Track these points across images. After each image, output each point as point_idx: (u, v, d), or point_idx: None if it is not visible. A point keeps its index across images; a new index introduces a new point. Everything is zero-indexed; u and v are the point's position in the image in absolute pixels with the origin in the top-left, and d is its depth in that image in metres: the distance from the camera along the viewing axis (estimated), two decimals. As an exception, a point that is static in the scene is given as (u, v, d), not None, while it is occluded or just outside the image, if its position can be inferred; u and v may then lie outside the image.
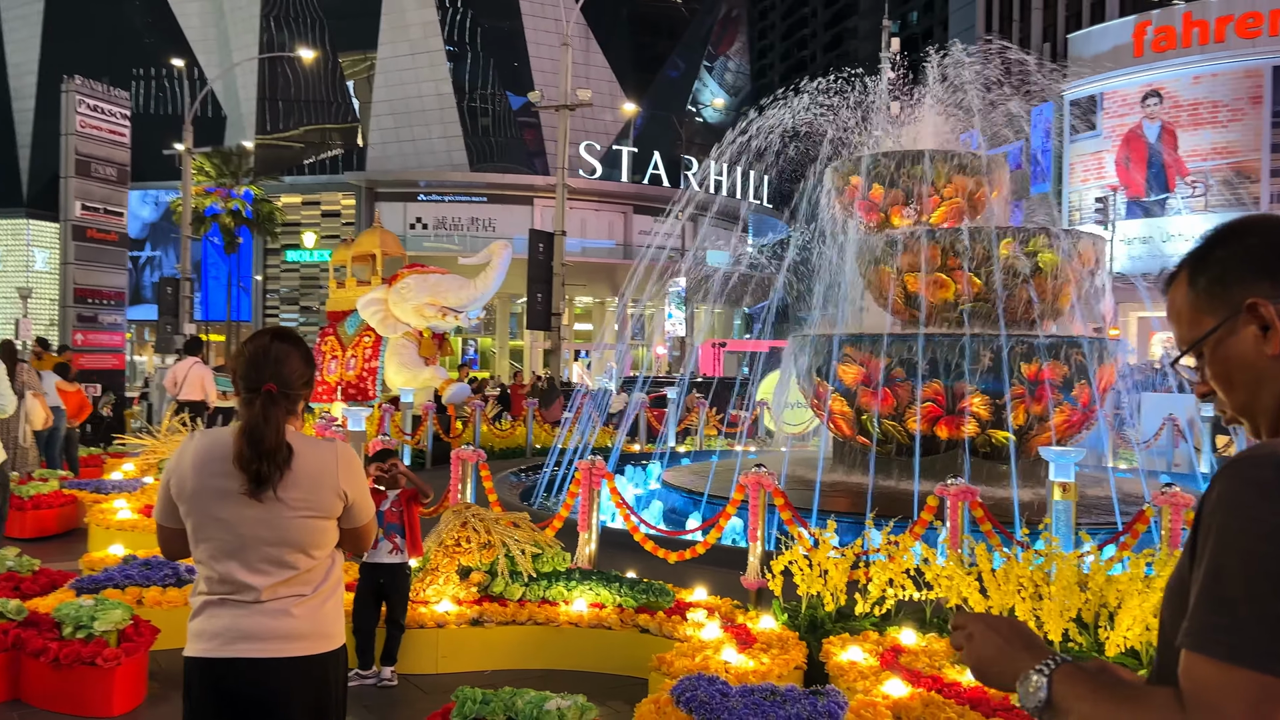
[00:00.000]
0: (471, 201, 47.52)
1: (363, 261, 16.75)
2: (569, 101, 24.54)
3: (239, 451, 2.53)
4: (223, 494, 2.55)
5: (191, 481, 2.58)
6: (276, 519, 2.56)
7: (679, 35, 59.12)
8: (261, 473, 2.52)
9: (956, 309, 11.35)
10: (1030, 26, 56.86)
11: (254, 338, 2.74)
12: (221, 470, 2.56)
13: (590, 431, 13.55)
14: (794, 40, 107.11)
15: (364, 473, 2.77)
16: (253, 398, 2.59)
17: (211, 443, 2.62)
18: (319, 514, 2.61)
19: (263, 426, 2.54)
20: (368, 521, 2.75)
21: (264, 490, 2.53)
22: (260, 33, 51.40)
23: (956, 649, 1.45)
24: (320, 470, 2.62)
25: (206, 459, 2.59)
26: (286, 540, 2.57)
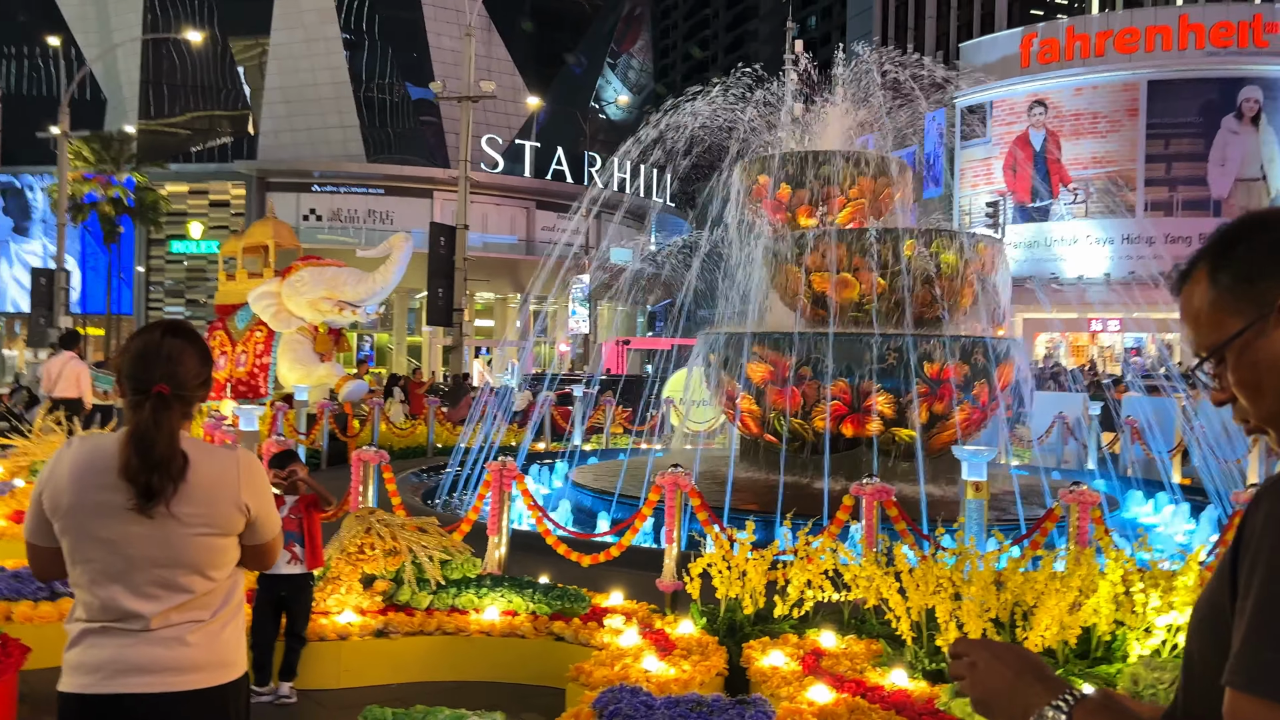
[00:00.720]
0: (368, 193, 46.33)
1: (254, 253, 16.07)
2: (472, 93, 24.08)
3: (126, 461, 2.23)
4: (105, 509, 2.24)
5: (68, 495, 2.26)
6: (169, 537, 2.25)
7: (582, 31, 58.90)
8: (151, 485, 2.22)
9: (861, 308, 11.50)
10: (924, 35, 58.58)
11: (143, 332, 2.41)
12: (104, 483, 2.24)
13: (495, 431, 13.27)
14: (696, 40, 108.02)
15: (268, 484, 2.48)
16: (141, 400, 2.28)
17: (91, 451, 2.30)
18: (217, 531, 2.32)
19: (153, 433, 2.24)
20: (273, 538, 2.47)
21: (154, 505, 2.23)
22: (144, 12, 49.03)
23: (955, 679, 1.32)
24: (219, 481, 2.32)
25: (86, 469, 2.27)
26: (180, 561, 2.27)
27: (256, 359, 14.63)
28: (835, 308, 11.40)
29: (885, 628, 4.92)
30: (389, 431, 15.65)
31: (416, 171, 47.12)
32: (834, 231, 11.32)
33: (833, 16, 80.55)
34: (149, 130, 47.28)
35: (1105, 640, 4.60)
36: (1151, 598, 4.38)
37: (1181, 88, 42.63)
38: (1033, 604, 4.48)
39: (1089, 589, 4.43)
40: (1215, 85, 42.24)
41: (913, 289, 10.95)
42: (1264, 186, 42.11)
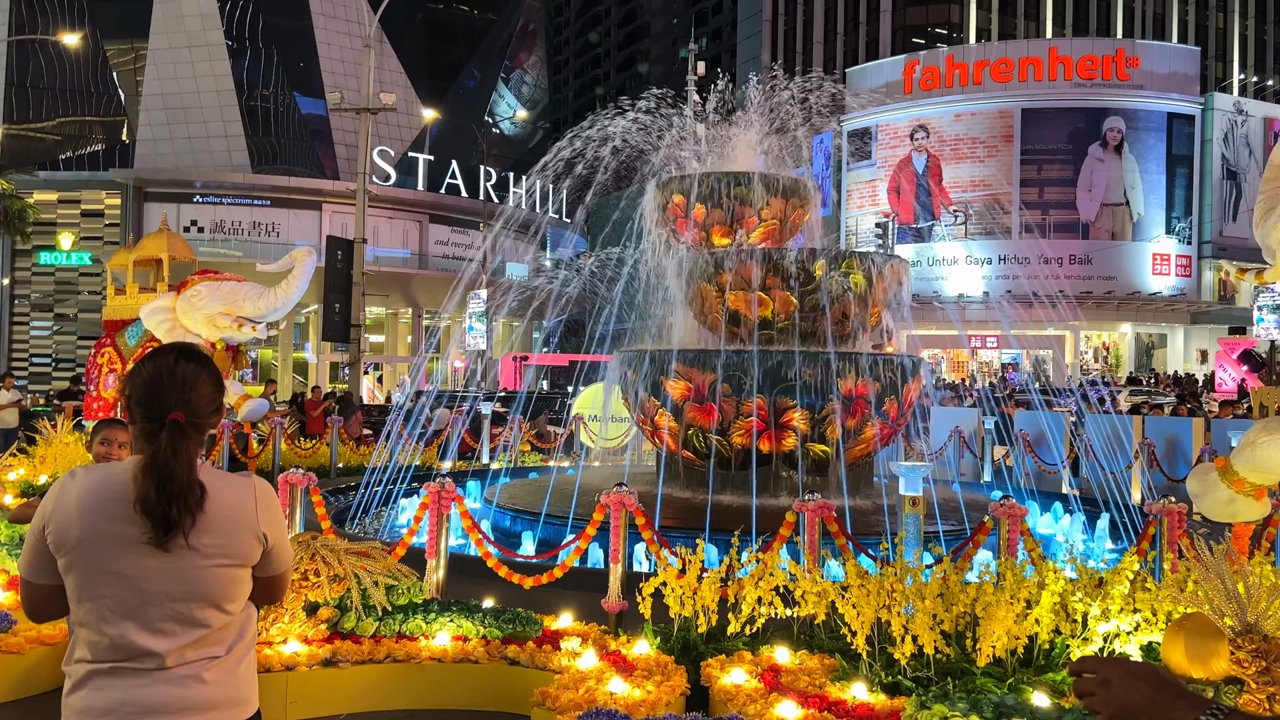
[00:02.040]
0: (254, 205, 44.84)
1: (146, 266, 15.35)
2: (370, 105, 23.64)
3: (143, 493, 2.13)
4: (119, 542, 2.15)
5: (78, 528, 2.15)
6: (186, 570, 2.17)
7: (475, 45, 58.47)
8: (170, 518, 2.13)
9: (773, 326, 11.74)
10: (812, 59, 60.34)
11: (154, 356, 2.32)
12: (116, 514, 2.15)
13: (407, 450, 13.01)
14: (588, 58, 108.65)
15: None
16: (155, 429, 2.19)
17: (100, 482, 2.19)
18: (235, 562, 2.24)
19: (172, 463, 2.15)
20: (287, 568, 2.42)
21: (172, 538, 2.14)
22: (9, 11, 46.39)
23: (1082, 696, 1.36)
24: (237, 511, 2.25)
25: (96, 501, 2.16)
26: (197, 594, 2.19)
27: (149, 378, 13.96)
28: (751, 325, 11.62)
29: (837, 642, 5.04)
30: (290, 451, 15.17)
31: (304, 183, 45.85)
32: (749, 251, 11.53)
33: (723, 39, 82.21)
34: (15, 135, 44.68)
35: (1044, 649, 4.82)
36: (1092, 607, 4.61)
37: (1052, 116, 45.10)
38: (980, 614, 4.66)
39: (1033, 600, 4.63)
40: (1082, 115, 44.85)
41: (825, 308, 11.25)
42: (1126, 211, 44.88)
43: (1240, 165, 45.92)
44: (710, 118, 15.90)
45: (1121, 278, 44.22)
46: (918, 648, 4.58)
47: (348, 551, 5.32)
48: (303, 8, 48.13)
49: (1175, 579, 4.76)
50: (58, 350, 45.68)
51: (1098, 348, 46.83)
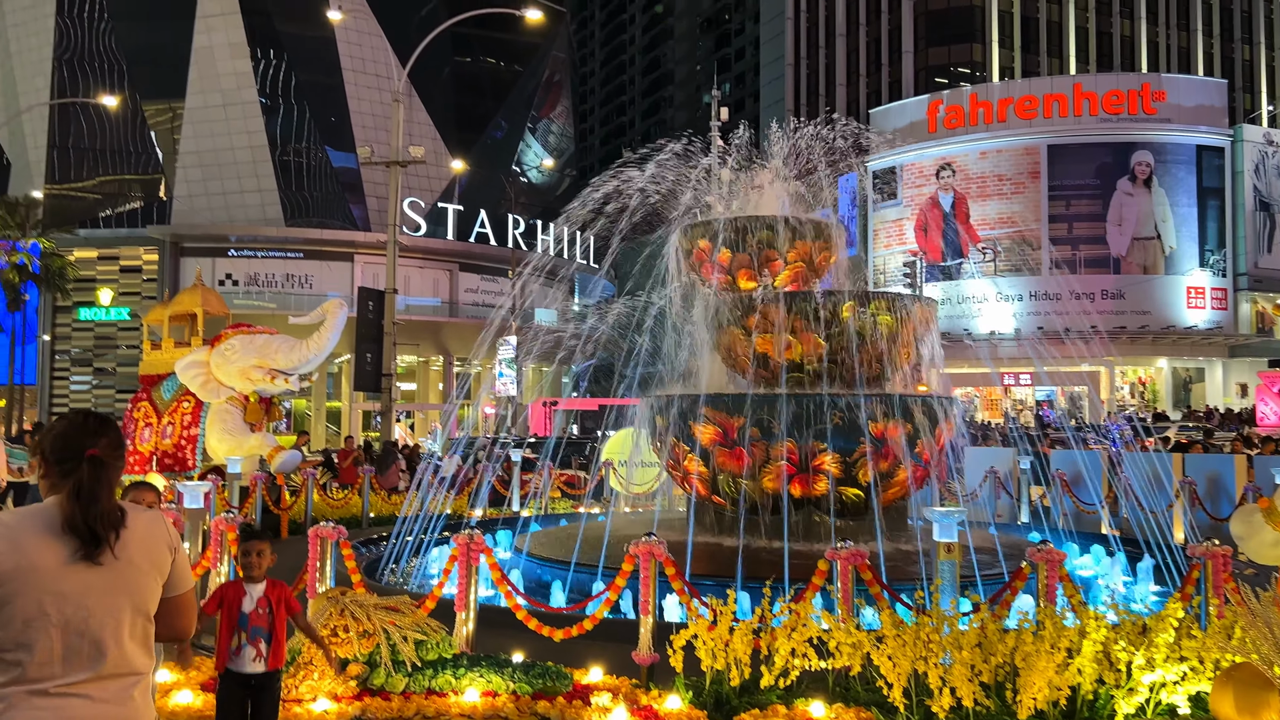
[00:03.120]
0: (287, 257, 45.59)
1: (181, 321, 15.61)
2: (400, 158, 24.02)
3: (69, 515, 2.44)
4: (54, 564, 2.41)
5: (10, 559, 2.38)
6: (126, 580, 2.48)
7: (503, 97, 59.40)
8: (96, 533, 2.43)
9: (802, 369, 11.68)
10: (835, 101, 60.70)
11: (65, 417, 2.72)
12: (43, 542, 2.42)
13: (437, 499, 12.99)
14: (613, 106, 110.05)
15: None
16: (74, 465, 2.53)
17: (18, 518, 2.49)
18: (159, 571, 2.56)
19: (95, 487, 2.49)
20: (190, 589, 2.69)
21: (101, 551, 2.44)
22: (52, 75, 47.83)
23: None
24: (153, 526, 2.61)
25: (19, 532, 2.43)
26: (138, 604, 2.50)
27: (184, 430, 14.12)
28: (776, 369, 11.56)
29: (873, 694, 4.93)
30: (322, 502, 15.23)
31: (337, 235, 46.58)
32: (776, 294, 11.52)
33: (746, 84, 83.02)
34: (56, 195, 45.87)
35: (1088, 700, 4.68)
36: (1136, 656, 4.48)
37: (1079, 152, 44.95)
38: (1020, 665, 4.54)
39: (1074, 649, 4.51)
40: (1109, 149, 44.66)
41: (854, 350, 11.18)
42: (1158, 244, 44.46)
43: (1273, 196, 45.45)
44: (734, 162, 16.00)
45: (1156, 312, 43.68)
46: (956, 700, 4.47)
47: (377, 606, 5.30)
48: (334, 64, 49.23)
49: (1222, 625, 4.62)
50: (97, 404, 46.38)
51: (1134, 383, 46.16)
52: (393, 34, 49.37)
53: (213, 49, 47.34)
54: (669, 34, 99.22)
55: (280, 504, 14.00)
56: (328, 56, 48.95)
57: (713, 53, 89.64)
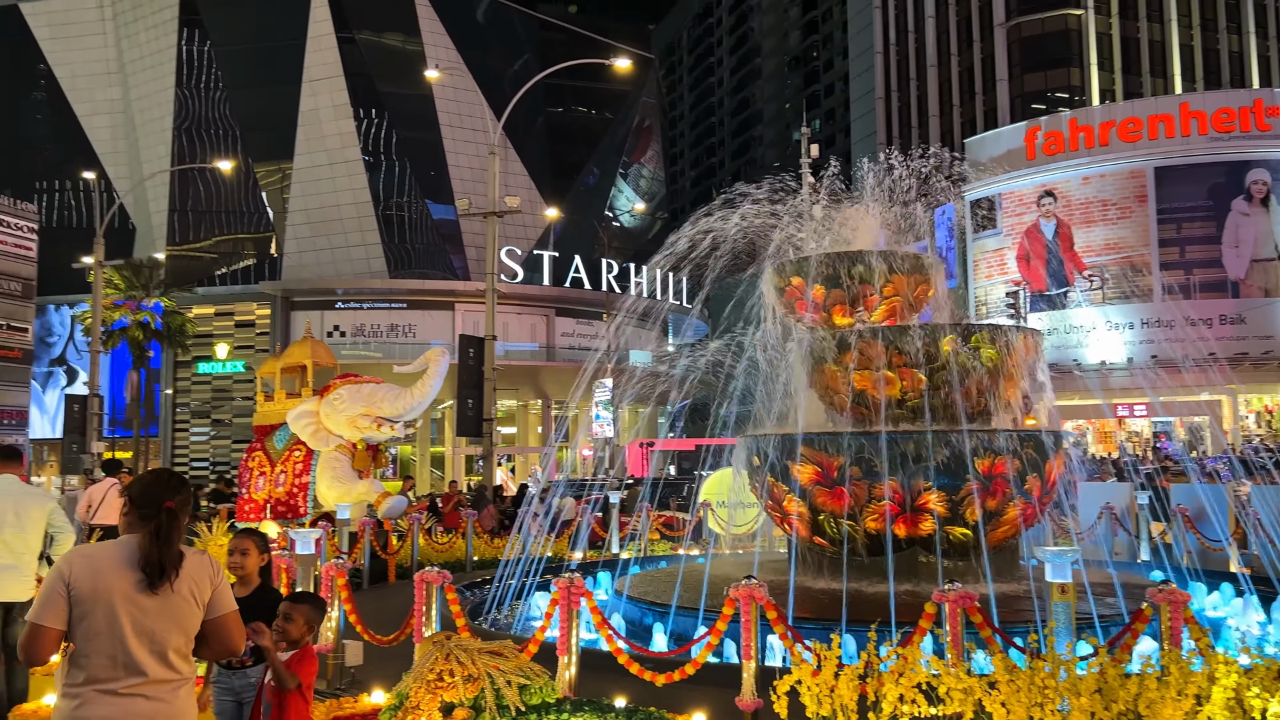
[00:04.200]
0: (391, 308, 47.06)
1: (292, 373, 16.23)
2: (497, 209, 24.65)
3: (147, 553, 3.11)
4: (124, 589, 3.08)
5: (88, 582, 3.08)
6: (173, 607, 3.14)
7: (594, 144, 60.54)
8: (164, 569, 3.11)
9: (903, 405, 11.45)
10: (928, 132, 59.97)
11: (150, 472, 3.46)
12: (117, 571, 3.10)
13: (538, 542, 13.12)
14: (703, 148, 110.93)
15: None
16: (153, 513, 3.18)
17: (94, 553, 3.21)
18: (200, 601, 3.21)
19: (169, 533, 3.16)
20: (231, 611, 3.29)
21: (163, 583, 3.11)
22: (172, 143, 50.79)
23: None
24: (201, 566, 3.27)
25: (99, 563, 3.12)
26: (180, 625, 3.15)
27: (295, 478, 14.61)
28: (879, 406, 11.36)
29: (987, 742, 4.75)
30: (427, 547, 15.52)
31: (437, 285, 47.90)
32: (873, 329, 11.36)
33: (836, 119, 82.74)
34: (176, 255, 48.47)
35: (1221, 749, 4.42)
36: (1271, 703, 4.22)
37: (1188, 172, 43.25)
38: (1144, 712, 4.33)
39: (1203, 695, 4.27)
40: (1222, 169, 42.87)
41: (956, 384, 10.92)
42: (1279, 266, 42.30)
43: (1404, 210, 42.85)
44: (826, 198, 15.91)
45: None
46: (1076, 749, 4.27)
47: (481, 650, 5.37)
48: (432, 121, 50.98)
49: (1367, 671, 4.32)
50: (214, 454, 48.43)
51: (1259, 411, 43.76)
52: (487, 89, 50.94)
53: (318, 111, 49.62)
54: (757, 74, 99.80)
55: (387, 549, 14.34)
56: (426, 114, 50.76)
57: (801, 90, 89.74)
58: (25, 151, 52.53)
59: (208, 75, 51.41)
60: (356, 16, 50.48)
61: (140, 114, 52.35)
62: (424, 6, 51.50)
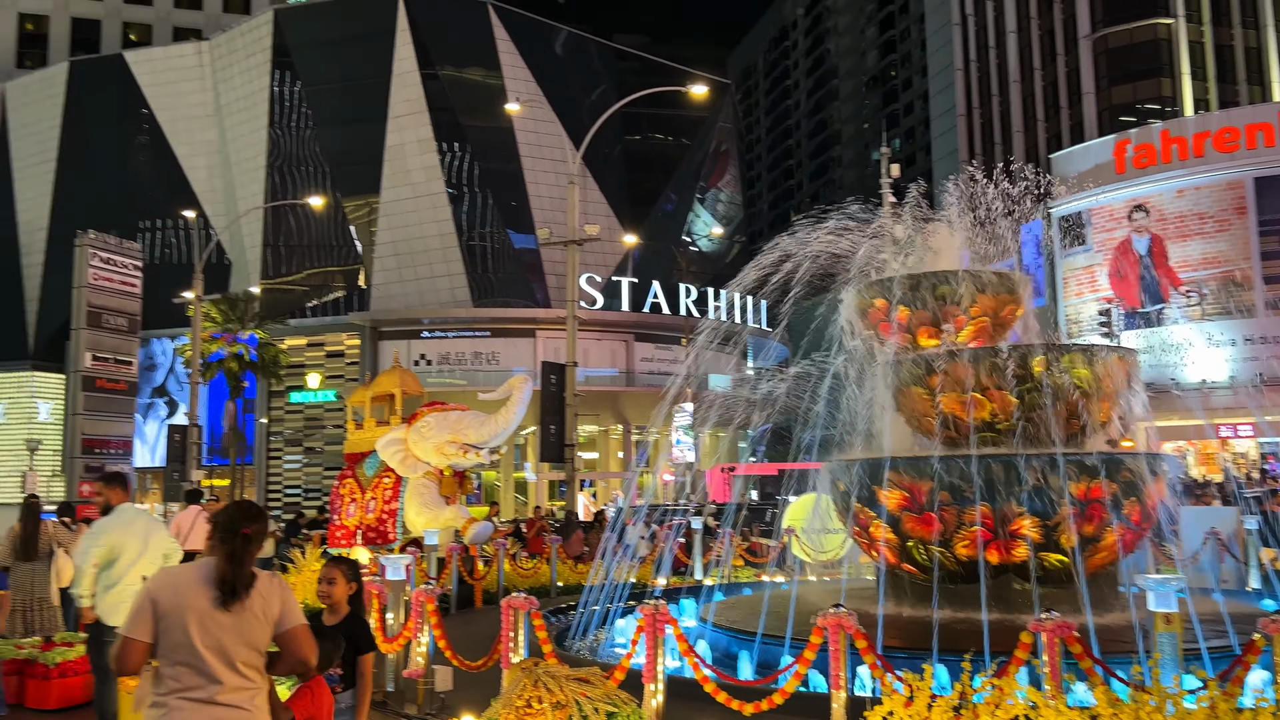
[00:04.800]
0: (475, 336, 47.90)
1: (381, 401, 16.62)
2: (577, 237, 24.96)
3: (223, 573, 3.47)
4: (201, 605, 3.44)
5: (171, 598, 3.44)
6: (244, 624, 3.47)
7: (671, 171, 60.84)
8: (237, 588, 3.47)
9: (993, 429, 11.18)
10: (1012, 148, 58.77)
11: (233, 502, 3.94)
12: (195, 590, 3.47)
13: (622, 568, 13.14)
14: (781, 170, 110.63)
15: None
16: (232, 538, 3.56)
17: (175, 574, 3.62)
18: (270, 618, 3.55)
19: (244, 555, 3.54)
20: (300, 624, 3.62)
21: (236, 601, 3.46)
22: (265, 181, 52.75)
23: None
24: (270, 586, 3.62)
25: (179, 583, 3.52)
26: (250, 640, 3.48)
27: (385, 505, 14.92)
28: (967, 429, 11.11)
29: (1091, 778, 4.58)
30: (513, 572, 15.67)
31: (520, 313, 48.59)
32: (960, 351, 11.15)
33: (916, 138, 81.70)
34: (270, 289, 50.17)
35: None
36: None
37: (1292, 182, 41.46)
38: (1261, 750, 4.12)
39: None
40: (1328, 177, 41.01)
41: (1048, 406, 10.63)
42: (1394, 277, 40.17)
43: None
44: (907, 217, 15.71)
45: (1398, 351, 39.30)
46: (1187, 788, 4.10)
47: (568, 678, 5.40)
48: (513, 152, 51.92)
49: None
50: (306, 481, 49.76)
51: (1377, 431, 41.45)
52: (566, 119, 51.70)
53: (404, 146, 50.98)
54: (834, 95, 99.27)
55: (474, 574, 14.52)
56: (507, 145, 51.72)
57: (880, 109, 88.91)
58: (131, 193, 55.12)
59: (298, 115, 53.31)
60: (439, 53, 51.83)
61: (235, 154, 54.54)
62: (504, 41, 52.61)
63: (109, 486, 7.00)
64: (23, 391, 51.66)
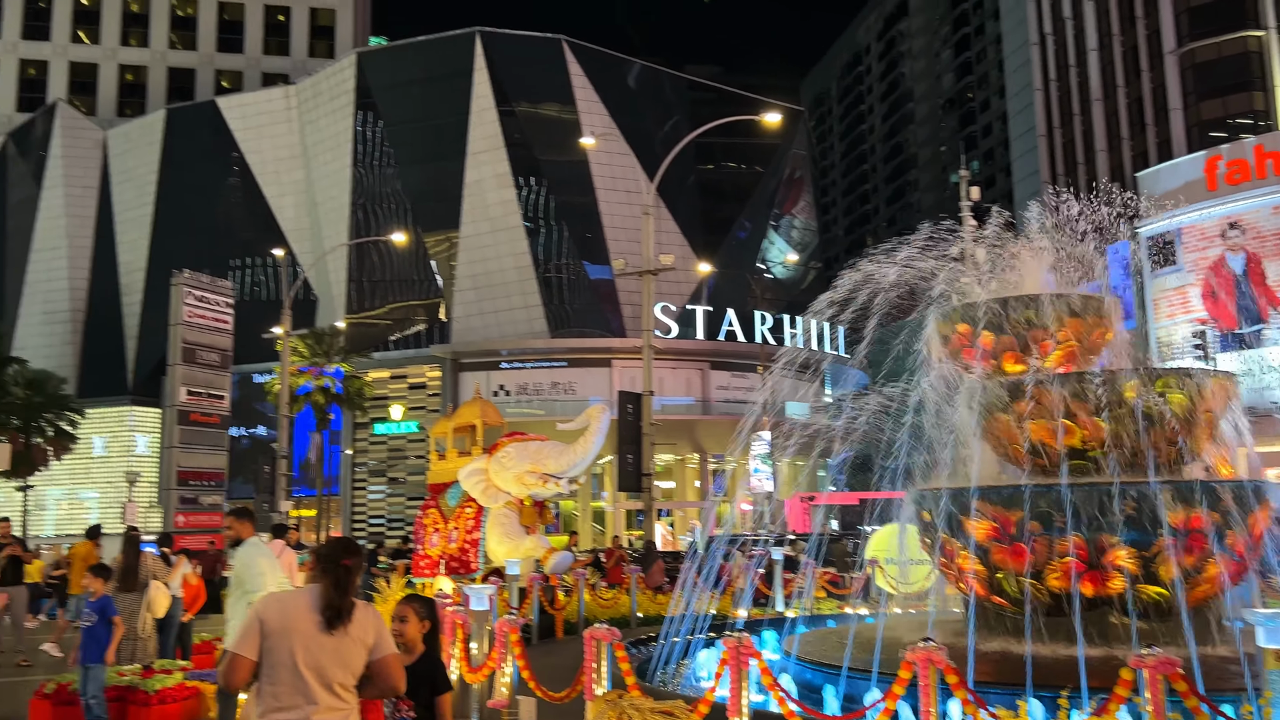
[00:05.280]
0: (552, 366, 48.39)
1: (463, 433, 16.89)
2: (652, 267, 25.09)
3: (326, 599, 3.78)
4: (306, 628, 3.72)
5: (279, 620, 3.73)
6: (343, 646, 3.76)
7: (745, 198, 60.85)
8: (340, 612, 3.77)
9: (1084, 456, 10.84)
10: (1096, 168, 57.36)
11: (332, 538, 4.42)
12: (301, 614, 3.76)
13: (702, 599, 13.05)
14: (856, 195, 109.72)
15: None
16: (334, 568, 3.88)
17: (283, 599, 3.92)
18: (367, 643, 3.83)
19: (346, 583, 3.84)
20: (391, 654, 3.91)
21: (338, 625, 3.75)
22: (350, 219, 54.31)
23: None
24: (367, 614, 3.91)
25: (288, 607, 3.81)
26: (347, 662, 3.76)
27: (467, 534, 15.12)
28: (1054, 456, 10.79)
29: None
30: (593, 602, 15.69)
31: (595, 343, 48.94)
32: (1049, 376, 10.85)
33: (995, 159, 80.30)
34: (354, 323, 51.49)
35: None
36: None
37: (1399, 195, 39.54)
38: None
39: None
40: None
41: (1142, 432, 10.27)
42: None
43: None
44: (989, 241, 15.41)
45: None
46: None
47: (653, 711, 5.38)
48: (587, 185, 52.57)
49: None
50: (390, 511, 50.67)
51: None
52: (640, 151, 52.20)
53: (482, 182, 52.04)
54: (910, 118, 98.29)
55: (554, 604, 14.58)
56: (582, 178, 52.41)
57: (957, 132, 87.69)
58: (223, 233, 57.31)
59: (380, 154, 54.87)
60: (515, 90, 52.90)
61: (321, 193, 56.32)
62: (578, 76, 53.48)
63: (239, 521, 7.32)
64: (122, 425, 53.85)
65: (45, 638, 15.23)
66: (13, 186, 62.73)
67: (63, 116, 62.16)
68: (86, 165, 61.77)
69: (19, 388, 41.82)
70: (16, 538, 17.12)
